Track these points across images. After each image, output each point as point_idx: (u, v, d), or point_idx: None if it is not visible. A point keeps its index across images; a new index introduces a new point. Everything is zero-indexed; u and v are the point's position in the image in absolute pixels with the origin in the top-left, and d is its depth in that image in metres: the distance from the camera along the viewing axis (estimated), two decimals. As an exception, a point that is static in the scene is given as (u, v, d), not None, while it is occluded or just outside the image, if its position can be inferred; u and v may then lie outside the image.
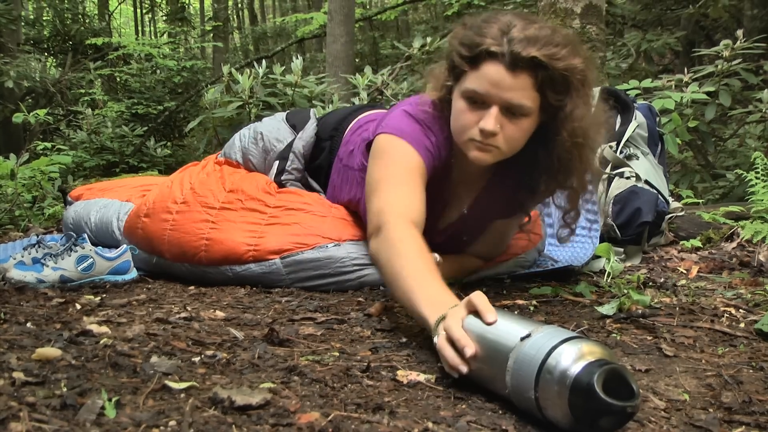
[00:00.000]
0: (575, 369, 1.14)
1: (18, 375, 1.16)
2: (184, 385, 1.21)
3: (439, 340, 1.42)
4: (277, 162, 2.58)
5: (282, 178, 2.54)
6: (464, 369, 1.34)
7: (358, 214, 2.39)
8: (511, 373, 1.23)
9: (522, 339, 1.25)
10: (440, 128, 2.09)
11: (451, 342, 1.39)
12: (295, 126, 2.67)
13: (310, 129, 2.61)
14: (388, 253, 1.80)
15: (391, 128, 2.08)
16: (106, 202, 2.82)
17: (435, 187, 2.12)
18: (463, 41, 1.93)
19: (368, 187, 2.06)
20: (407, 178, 2.00)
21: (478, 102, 1.91)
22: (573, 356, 1.15)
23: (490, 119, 1.88)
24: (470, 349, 1.33)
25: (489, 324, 1.35)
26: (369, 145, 2.17)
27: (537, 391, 1.17)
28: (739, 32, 4.96)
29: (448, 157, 2.13)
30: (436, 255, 2.07)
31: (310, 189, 2.54)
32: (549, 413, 1.16)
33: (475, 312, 1.40)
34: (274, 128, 2.69)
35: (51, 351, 1.31)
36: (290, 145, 2.60)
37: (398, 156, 2.04)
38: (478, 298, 1.42)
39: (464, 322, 1.39)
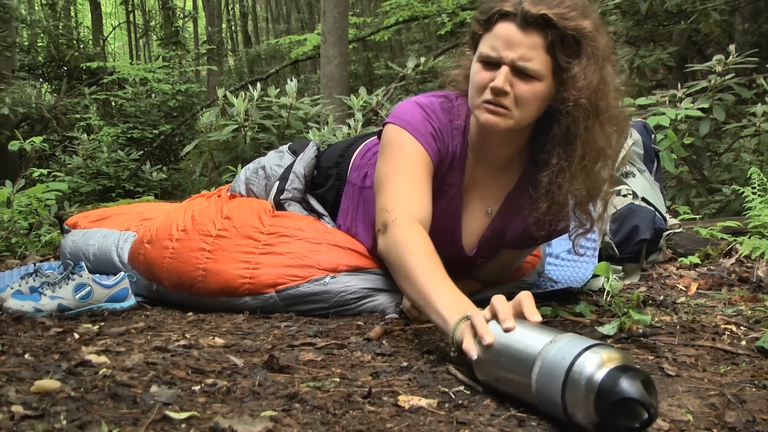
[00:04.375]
0: (600, 375, 1.23)
1: (17, 408, 1.15)
2: (184, 415, 1.20)
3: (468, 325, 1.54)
4: (277, 182, 2.59)
5: (282, 197, 2.54)
6: (474, 354, 1.47)
7: (356, 238, 2.39)
8: (537, 377, 1.31)
9: (548, 344, 1.33)
10: (449, 112, 2.13)
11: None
12: (296, 152, 2.69)
13: (310, 151, 2.66)
14: (399, 253, 1.87)
15: (396, 117, 2.11)
16: (105, 232, 2.81)
17: (448, 179, 2.15)
18: (481, 9, 2.00)
19: (376, 180, 2.11)
20: (411, 172, 2.04)
21: (491, 64, 1.93)
22: (597, 362, 1.25)
23: (501, 76, 1.89)
24: (489, 338, 1.45)
25: (506, 330, 1.44)
26: (380, 134, 2.18)
27: (564, 393, 1.26)
28: (732, 47, 4.99)
29: (458, 145, 2.14)
30: None
31: (312, 210, 2.54)
32: (576, 417, 1.25)
33: (495, 317, 1.50)
34: (276, 157, 2.72)
35: (50, 383, 1.30)
36: (291, 166, 2.62)
37: (403, 149, 2.06)
38: (499, 302, 1.52)
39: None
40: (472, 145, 2.16)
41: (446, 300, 1.70)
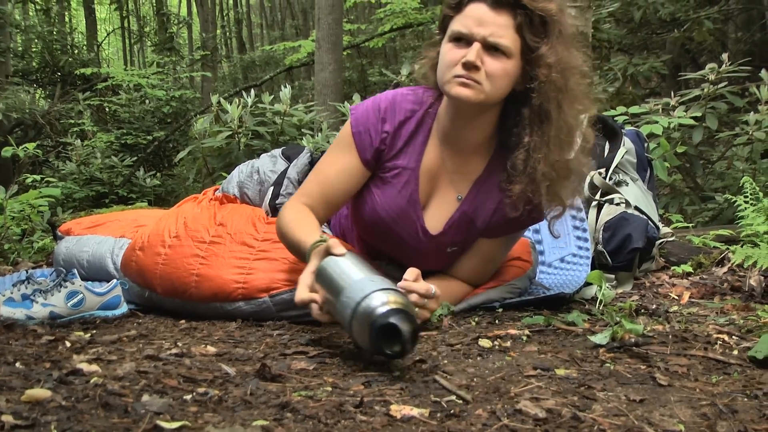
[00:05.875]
0: (381, 310, 1.65)
1: (7, 418, 1.14)
2: (176, 424, 1.20)
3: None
4: (272, 188, 2.62)
5: (276, 202, 2.58)
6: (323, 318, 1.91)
7: (352, 243, 2.42)
8: (339, 303, 1.75)
9: (358, 280, 1.77)
10: (411, 102, 2.28)
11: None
12: (290, 158, 2.73)
13: (304, 158, 2.71)
14: (279, 228, 2.21)
15: (352, 110, 2.33)
16: (99, 239, 2.80)
17: (399, 162, 2.27)
18: None
19: None
20: (334, 166, 2.28)
21: (462, 41, 2.06)
22: (381, 301, 1.67)
23: (473, 51, 2.02)
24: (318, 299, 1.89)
25: (339, 255, 1.89)
26: None
27: (353, 318, 1.70)
28: (725, 56, 5.01)
29: (415, 131, 2.27)
30: (432, 286, 2.09)
31: None
32: (356, 338, 1.73)
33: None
34: (270, 162, 2.76)
35: (41, 392, 1.30)
36: (285, 172, 2.65)
37: (339, 145, 2.30)
38: (336, 247, 1.91)
39: (323, 262, 1.91)
40: (441, 130, 2.26)
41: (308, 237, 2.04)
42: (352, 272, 1.81)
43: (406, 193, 2.28)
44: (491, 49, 2.03)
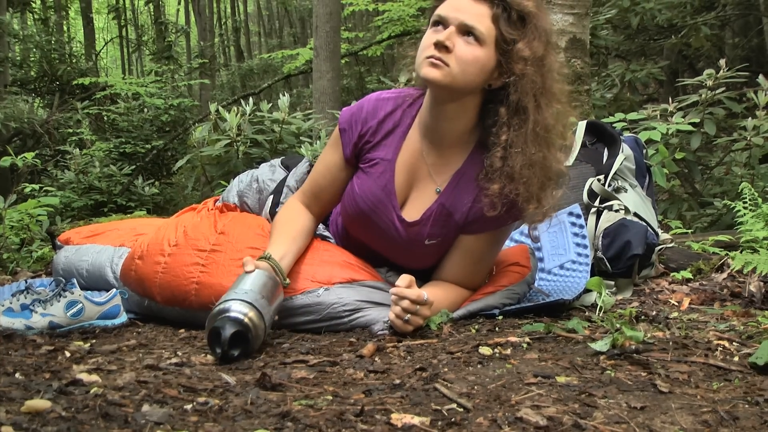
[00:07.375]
0: (225, 314, 1.87)
1: (7, 429, 1.14)
2: (176, 435, 1.19)
3: None
4: (271, 196, 2.65)
5: (277, 209, 2.59)
6: None
7: (351, 253, 2.44)
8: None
9: (235, 291, 1.97)
10: (393, 101, 2.39)
11: None
12: (289, 167, 2.75)
13: (303, 167, 2.75)
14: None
15: (342, 111, 2.44)
16: (99, 248, 2.79)
17: (378, 154, 2.36)
18: None
19: None
20: (323, 164, 2.46)
21: (439, 26, 2.14)
22: (236, 309, 1.88)
23: (445, 33, 2.10)
24: None
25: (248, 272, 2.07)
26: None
27: (209, 316, 1.92)
28: (722, 61, 5.02)
29: (396, 126, 2.36)
30: (424, 293, 2.10)
31: None
32: (206, 330, 1.89)
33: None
34: (269, 171, 2.79)
35: (40, 403, 1.29)
36: (283, 180, 2.67)
37: (330, 144, 2.46)
38: (247, 264, 2.09)
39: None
40: (422, 124, 2.33)
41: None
42: (242, 285, 1.99)
43: (381, 183, 2.34)
44: (466, 33, 2.10)
